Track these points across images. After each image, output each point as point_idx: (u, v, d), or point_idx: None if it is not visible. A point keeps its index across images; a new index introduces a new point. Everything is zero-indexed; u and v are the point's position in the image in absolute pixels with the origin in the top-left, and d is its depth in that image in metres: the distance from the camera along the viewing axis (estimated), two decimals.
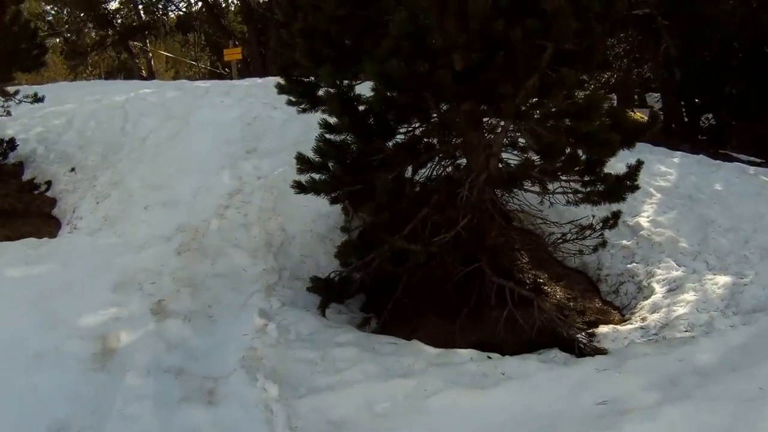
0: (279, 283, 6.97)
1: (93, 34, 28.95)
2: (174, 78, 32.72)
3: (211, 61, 33.86)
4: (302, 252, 7.71)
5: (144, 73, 29.07)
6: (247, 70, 24.13)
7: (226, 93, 13.39)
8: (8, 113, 10.41)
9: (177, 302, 6.31)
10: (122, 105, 12.60)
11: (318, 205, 7.65)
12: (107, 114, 12.20)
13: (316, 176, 6.55)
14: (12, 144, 10.93)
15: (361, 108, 6.19)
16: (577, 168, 6.17)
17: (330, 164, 6.48)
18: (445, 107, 5.91)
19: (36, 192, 10.31)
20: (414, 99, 5.47)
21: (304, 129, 10.83)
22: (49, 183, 10.39)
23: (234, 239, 7.66)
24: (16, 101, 10.44)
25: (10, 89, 10.39)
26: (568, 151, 5.93)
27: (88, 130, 11.67)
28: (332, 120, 6.34)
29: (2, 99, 10.23)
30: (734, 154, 13.31)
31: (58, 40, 30.35)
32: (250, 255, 7.41)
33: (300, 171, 6.52)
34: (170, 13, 29.46)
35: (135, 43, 29.70)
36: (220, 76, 26.99)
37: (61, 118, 12.39)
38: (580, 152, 6.04)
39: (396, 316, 6.65)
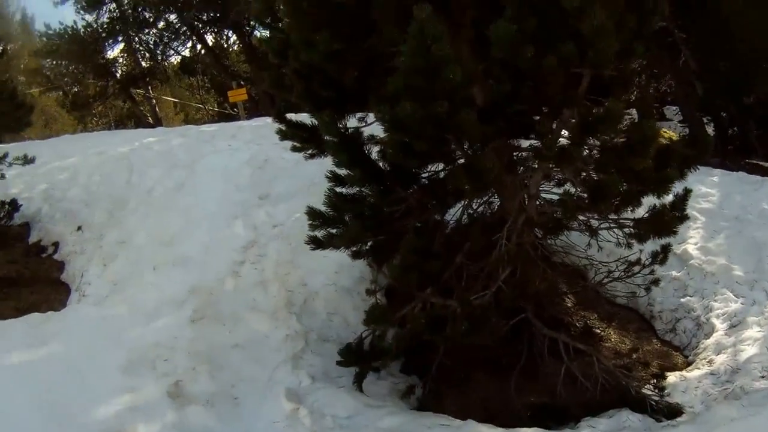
0: (306, 350, 6.17)
1: (94, 85, 28.23)
2: (184, 122, 31.96)
3: (219, 102, 33.08)
4: (328, 309, 6.89)
5: (150, 120, 28.28)
6: (256, 108, 23.32)
7: (233, 136, 12.65)
8: (2, 176, 9.63)
9: (196, 383, 5.51)
10: (127, 156, 11.86)
11: (340, 254, 6.84)
12: (112, 166, 11.46)
13: (333, 230, 5.74)
14: (14, 205, 10.17)
15: (376, 150, 5.39)
16: (631, 207, 5.35)
17: (346, 217, 5.67)
18: (470, 147, 5.05)
19: (43, 255, 9.53)
20: (435, 144, 4.61)
21: (320, 168, 9.96)
22: (56, 244, 9.61)
23: (251, 300, 6.85)
24: (6, 164, 9.65)
25: None
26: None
27: (93, 184, 10.92)
28: (342, 171, 5.46)
29: None
30: (763, 164, 12.55)
31: (61, 92, 29.72)
32: (271, 318, 6.60)
33: (313, 227, 5.70)
34: (171, 58, 28.82)
35: (138, 90, 28.97)
36: (229, 117, 26.25)
37: (65, 173, 11.65)
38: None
39: (442, 378, 5.88)
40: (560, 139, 4.84)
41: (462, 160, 5.14)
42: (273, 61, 6.09)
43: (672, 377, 5.82)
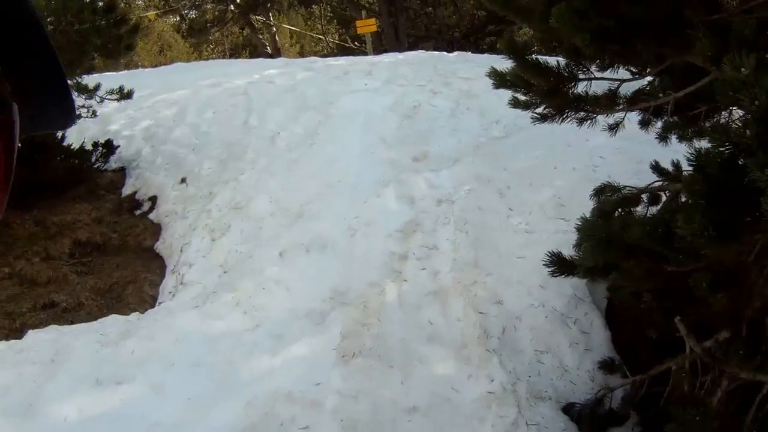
0: (519, 420, 3.78)
1: (213, 10, 25.98)
2: (300, 54, 29.48)
3: (339, 34, 30.23)
4: (536, 345, 4.44)
5: (269, 49, 25.71)
6: (379, 43, 20.66)
7: (368, 73, 10.24)
8: (93, 114, 7.49)
9: None
10: (244, 90, 9.66)
11: (542, 256, 4.49)
12: (226, 102, 9.28)
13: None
14: (110, 146, 8.10)
15: None
16: None
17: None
18: None
19: (137, 212, 7.40)
20: None
21: (482, 123, 7.63)
22: (153, 200, 7.47)
23: (426, 324, 4.48)
24: (97, 99, 7.45)
25: (90, 84, 7.34)
26: None
27: (204, 123, 8.77)
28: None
29: (82, 96, 7.25)
30: None
31: (178, 17, 27.77)
32: (458, 357, 4.22)
33: (590, 255, 3.24)
34: None
35: (257, 17, 26.46)
36: (351, 51, 23.66)
37: (173, 107, 9.55)
38: None
39: None
40: None
41: None
42: None
43: None
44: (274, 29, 26.40)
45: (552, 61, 3.67)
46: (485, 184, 6.10)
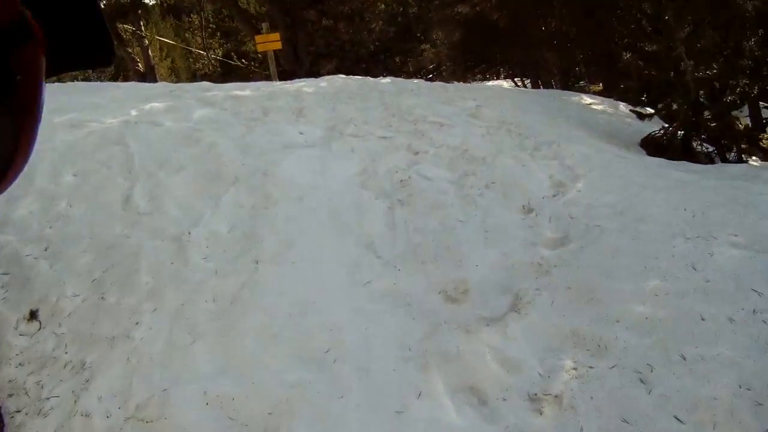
0: None
1: None
2: (171, 70, 24.85)
3: (223, 49, 25.55)
4: None
5: (141, 66, 21.06)
6: (276, 62, 17.01)
7: (298, 113, 7.12)
8: None
9: None
10: (120, 137, 6.33)
11: None
12: (95, 158, 5.94)
13: None
14: None
15: None
16: None
17: None
18: None
19: None
20: None
21: (517, 212, 4.81)
22: None
23: None
24: None
25: None
26: None
27: (62, 194, 5.39)
28: None
29: None
30: None
31: None
32: None
33: None
34: None
35: (126, 26, 21.75)
36: (237, 69, 19.87)
37: None
38: None
39: None
40: None
41: None
42: None
43: None
44: (147, 42, 21.75)
45: None
46: (599, 355, 3.25)
